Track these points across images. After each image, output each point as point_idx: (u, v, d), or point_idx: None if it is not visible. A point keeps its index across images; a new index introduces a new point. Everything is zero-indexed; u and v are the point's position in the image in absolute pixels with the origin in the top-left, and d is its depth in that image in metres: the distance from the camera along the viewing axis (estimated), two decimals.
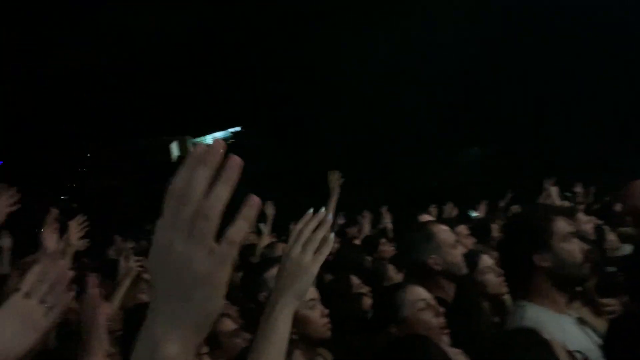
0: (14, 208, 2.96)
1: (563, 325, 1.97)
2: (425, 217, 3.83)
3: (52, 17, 27.41)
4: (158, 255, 0.65)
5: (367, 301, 3.08)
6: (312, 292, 2.32)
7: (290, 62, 22.46)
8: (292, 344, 1.95)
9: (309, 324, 2.23)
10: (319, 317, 2.26)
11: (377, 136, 21.30)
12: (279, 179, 21.44)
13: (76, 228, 3.43)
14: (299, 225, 1.40)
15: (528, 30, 18.44)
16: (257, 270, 3.24)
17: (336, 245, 5.30)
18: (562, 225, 2.05)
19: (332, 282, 3.10)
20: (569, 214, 3.86)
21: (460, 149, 21.61)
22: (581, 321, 2.08)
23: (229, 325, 2.63)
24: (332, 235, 1.40)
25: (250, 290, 3.16)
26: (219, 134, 44.18)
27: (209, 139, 46.12)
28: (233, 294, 3.61)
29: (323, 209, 1.43)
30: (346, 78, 20.64)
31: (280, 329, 1.32)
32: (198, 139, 46.00)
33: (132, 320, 3.20)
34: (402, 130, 20.78)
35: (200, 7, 23.61)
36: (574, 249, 2.05)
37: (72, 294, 1.26)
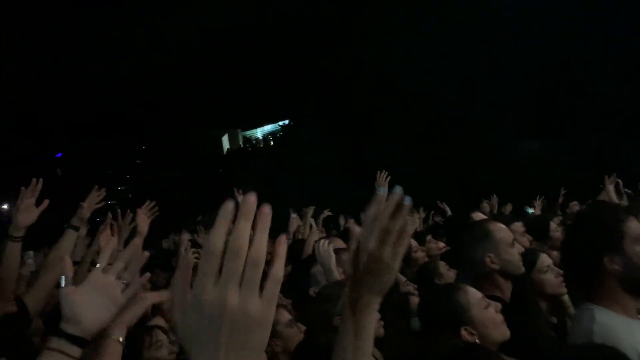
0: (99, 205, 3.14)
1: (633, 331, 1.87)
2: (478, 215, 3.71)
3: (109, 20, 28.43)
4: (210, 312, 0.69)
5: (415, 300, 3.03)
6: None
7: (343, 55, 22.41)
8: None
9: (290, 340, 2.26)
10: (298, 333, 2.26)
11: (431, 130, 21.00)
12: (330, 172, 21.51)
13: (145, 214, 3.57)
14: (372, 210, 1.20)
15: (595, 26, 17.65)
16: (305, 266, 3.26)
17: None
18: (634, 226, 1.93)
19: None
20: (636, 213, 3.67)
21: (517, 142, 20.96)
22: None
23: (285, 315, 2.66)
24: (411, 223, 1.25)
25: (299, 285, 3.18)
26: (269, 127, 44.84)
27: (258, 132, 46.79)
28: (284, 286, 3.65)
29: (399, 189, 1.20)
30: (400, 71, 20.42)
31: (367, 327, 1.23)
32: (248, 132, 46.82)
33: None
34: (457, 124, 20.40)
35: (253, 2, 23.88)
36: None
37: (148, 274, 1.30)
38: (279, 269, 0.71)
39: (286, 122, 38.74)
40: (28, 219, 2.68)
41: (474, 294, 2.16)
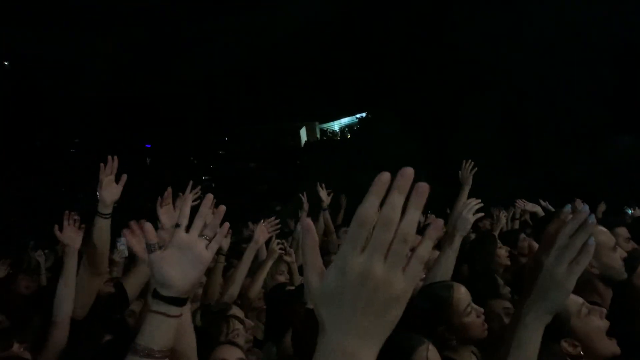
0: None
1: None
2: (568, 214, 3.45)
3: (193, 16, 29.53)
4: (353, 279, 0.70)
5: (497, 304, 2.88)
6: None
7: (423, 46, 21.92)
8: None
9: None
10: (475, 317, 2.22)
11: (516, 124, 20.06)
12: (409, 166, 21.13)
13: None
14: (554, 225, 1.20)
15: None
16: None
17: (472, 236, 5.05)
18: None
19: (479, 282, 2.94)
20: None
21: (612, 137, 19.52)
22: None
23: None
24: (593, 241, 1.19)
25: None
26: (345, 120, 44.90)
27: (335, 124, 46.98)
28: None
29: (585, 207, 1.20)
30: (483, 61, 19.68)
31: (533, 343, 1.21)
32: (325, 125, 47.16)
33: (274, 298, 3.36)
34: (541, 118, 19.39)
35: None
36: None
37: (227, 224, 1.31)
38: (426, 250, 0.71)
39: (363, 114, 38.60)
40: (112, 195, 2.76)
41: (574, 301, 2.01)
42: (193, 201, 3.07)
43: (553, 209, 5.97)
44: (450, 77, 21.37)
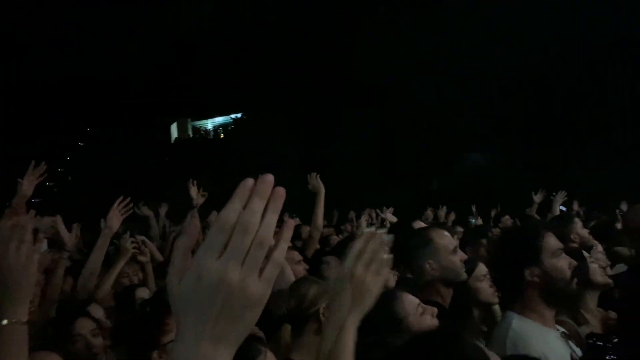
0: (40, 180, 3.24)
1: (547, 339, 2.02)
2: (419, 223, 3.81)
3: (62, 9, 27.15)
4: (208, 284, 0.69)
5: None
6: None
7: (304, 51, 22.27)
8: None
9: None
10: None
11: (389, 134, 21.27)
12: (285, 169, 21.43)
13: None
14: (359, 244, 1.42)
15: (553, 46, 18.41)
16: None
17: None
18: (551, 241, 2.11)
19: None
20: (566, 227, 3.86)
21: (472, 154, 21.62)
22: (566, 335, 2.14)
23: None
24: (391, 256, 1.43)
25: None
26: (220, 119, 44.15)
27: (209, 123, 45.93)
28: None
29: (384, 233, 1.50)
30: (362, 71, 20.56)
31: (350, 346, 1.40)
32: (198, 122, 45.89)
33: (124, 300, 3.20)
34: (411, 133, 20.78)
35: None
36: (563, 265, 2.09)
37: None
38: (281, 252, 0.71)
39: (239, 115, 38.27)
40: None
41: (410, 302, 2.17)
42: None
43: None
44: (331, 87, 22.03)
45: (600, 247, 4.26)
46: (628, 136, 17.51)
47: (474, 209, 8.06)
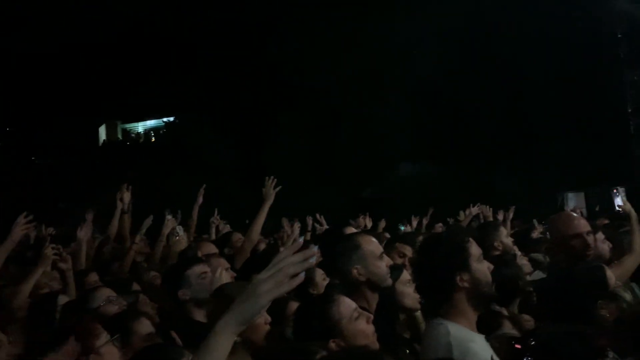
0: None
1: (480, 343, 2.07)
2: (349, 229, 3.85)
3: None
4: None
5: (293, 306, 3.04)
6: None
7: (240, 55, 22.03)
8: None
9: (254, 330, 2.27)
10: (263, 323, 2.29)
11: (325, 141, 21.40)
12: (219, 174, 21.05)
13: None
14: (283, 254, 1.30)
15: (481, 61, 19.22)
16: (179, 267, 3.13)
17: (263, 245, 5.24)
18: (475, 247, 2.16)
19: None
20: (491, 235, 4.05)
21: (404, 163, 22.18)
22: (487, 339, 2.19)
23: (145, 327, 2.47)
24: (303, 275, 1.29)
25: (171, 286, 3.05)
26: (151, 122, 42.85)
27: (140, 126, 44.47)
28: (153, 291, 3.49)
29: (315, 247, 1.35)
30: (299, 77, 20.60)
31: (222, 350, 1.28)
32: (128, 125, 44.31)
33: (40, 309, 3.02)
34: (349, 140, 21.04)
35: None
36: (485, 269, 2.16)
37: None
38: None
39: (171, 118, 37.31)
40: None
41: (347, 306, 2.18)
42: None
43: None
44: (268, 91, 21.92)
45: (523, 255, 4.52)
46: (549, 150, 18.71)
47: (419, 218, 8.18)
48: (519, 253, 4.65)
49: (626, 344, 2.12)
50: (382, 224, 7.86)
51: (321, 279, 3.45)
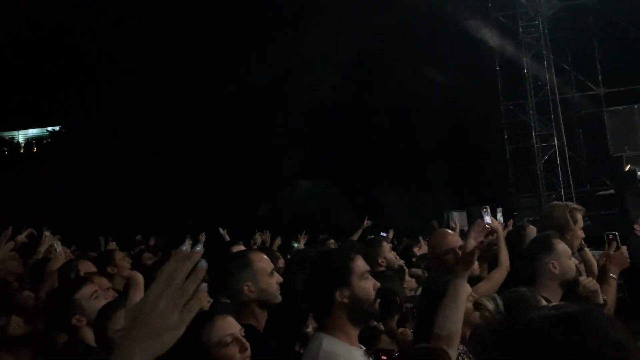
0: None
1: (352, 356, 2.16)
2: (238, 247, 3.85)
3: None
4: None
5: None
6: None
7: (136, 73, 21.06)
8: None
9: None
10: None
11: (221, 157, 21.00)
12: (110, 188, 19.91)
13: None
14: (171, 267, 1.09)
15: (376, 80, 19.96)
16: (66, 292, 2.88)
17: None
18: (360, 263, 2.25)
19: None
20: (375, 250, 4.24)
21: (298, 181, 22.38)
22: (367, 353, 2.30)
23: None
24: (205, 285, 1.15)
25: (59, 313, 2.80)
26: (34, 131, 39.60)
27: (20, 135, 40.95)
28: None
29: (199, 246, 1.12)
30: (195, 96, 20.13)
31: None
32: (7, 133, 40.64)
33: None
34: (246, 156, 20.85)
35: None
36: (369, 287, 2.25)
37: None
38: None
39: (56, 128, 34.76)
40: None
41: (221, 328, 2.11)
42: None
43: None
44: (163, 104, 21.14)
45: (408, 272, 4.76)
46: (435, 172, 19.99)
47: (306, 236, 8.32)
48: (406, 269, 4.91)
49: (478, 349, 2.33)
50: (278, 241, 7.92)
51: (205, 300, 3.38)
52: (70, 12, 21.85)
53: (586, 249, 4.14)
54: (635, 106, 14.75)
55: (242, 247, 3.84)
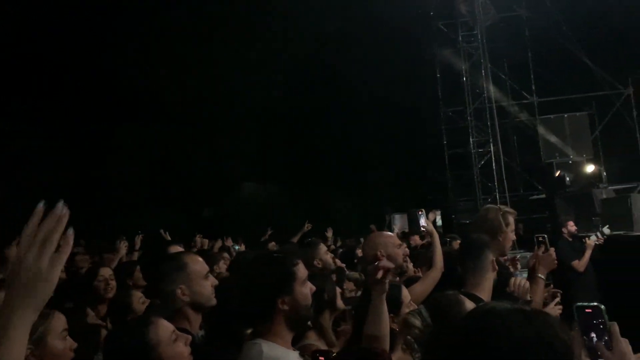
0: None
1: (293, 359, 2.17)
2: (175, 248, 3.77)
3: None
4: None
5: (104, 332, 2.86)
6: (64, 322, 2.45)
7: (74, 69, 20.15)
8: None
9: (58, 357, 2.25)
10: (69, 349, 2.28)
11: (164, 159, 20.42)
12: (45, 190, 18.97)
13: None
14: (30, 227, 1.18)
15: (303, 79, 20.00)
16: None
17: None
18: (302, 269, 2.24)
19: (68, 312, 2.78)
20: (311, 252, 4.25)
21: (238, 182, 22.15)
22: (302, 356, 2.30)
23: None
24: (71, 230, 1.22)
25: None
26: None
27: None
28: None
29: (61, 203, 1.24)
30: (138, 96, 19.51)
31: (18, 346, 1.14)
32: None
33: None
34: (196, 159, 20.42)
35: None
36: (308, 293, 2.25)
37: None
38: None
39: None
40: None
41: (165, 328, 2.11)
42: None
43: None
44: (105, 101, 20.32)
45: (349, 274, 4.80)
46: (378, 176, 20.35)
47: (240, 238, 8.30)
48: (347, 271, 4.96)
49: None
50: (218, 243, 7.81)
51: (139, 303, 3.29)
52: (4, 7, 20.69)
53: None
54: (565, 115, 15.62)
55: (179, 249, 3.75)
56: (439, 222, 14.85)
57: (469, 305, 2.38)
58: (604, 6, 14.43)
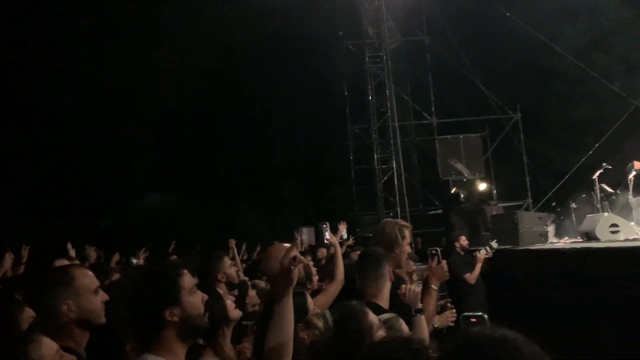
0: None
1: None
2: (61, 261, 3.54)
3: None
4: None
5: None
6: None
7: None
8: None
9: None
10: None
11: (59, 168, 19.03)
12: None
13: None
14: None
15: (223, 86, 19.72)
16: None
17: None
18: (188, 279, 2.18)
19: None
20: (215, 265, 4.18)
21: (141, 192, 21.23)
22: None
23: None
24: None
25: None
26: None
27: None
28: None
29: None
30: (26, 93, 18.09)
31: None
32: None
33: None
34: (86, 168, 19.25)
35: None
36: (198, 301, 2.19)
37: None
38: None
39: None
40: None
41: (48, 348, 1.98)
42: None
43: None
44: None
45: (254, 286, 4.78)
46: (287, 189, 20.48)
47: (147, 252, 7.95)
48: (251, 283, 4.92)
49: None
50: (116, 257, 7.42)
51: (28, 319, 3.05)
52: None
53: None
54: (461, 136, 16.68)
55: (65, 262, 3.51)
56: (344, 235, 15.17)
57: (372, 316, 2.45)
58: (498, 39, 15.74)
